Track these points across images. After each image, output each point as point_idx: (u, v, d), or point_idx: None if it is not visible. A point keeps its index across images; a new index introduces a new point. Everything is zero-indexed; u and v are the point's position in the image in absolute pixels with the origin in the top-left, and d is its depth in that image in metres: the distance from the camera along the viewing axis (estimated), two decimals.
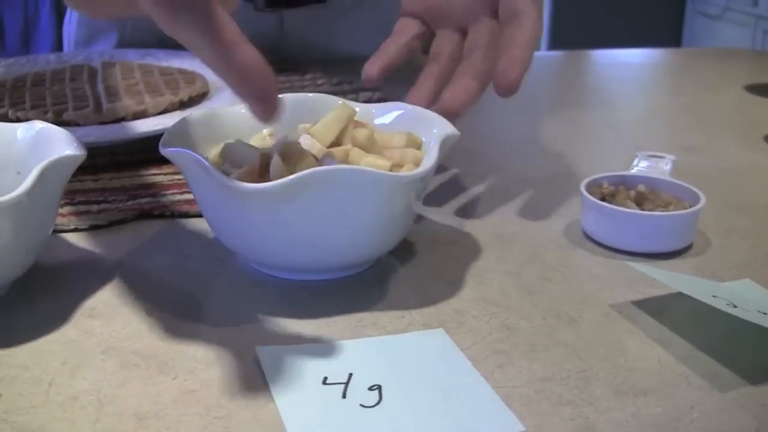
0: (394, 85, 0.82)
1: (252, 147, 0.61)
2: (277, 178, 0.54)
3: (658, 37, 4.03)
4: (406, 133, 0.63)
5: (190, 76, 0.93)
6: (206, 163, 0.55)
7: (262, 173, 0.58)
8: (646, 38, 3.82)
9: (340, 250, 0.58)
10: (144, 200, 0.71)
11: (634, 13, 4.12)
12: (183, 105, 0.88)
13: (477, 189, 0.76)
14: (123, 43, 1.12)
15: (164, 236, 0.66)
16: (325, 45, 1.16)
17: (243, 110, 0.67)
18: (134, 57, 1.05)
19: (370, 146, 0.61)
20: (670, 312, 0.56)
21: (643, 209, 0.65)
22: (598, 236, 0.66)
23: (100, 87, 0.91)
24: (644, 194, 0.67)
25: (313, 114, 0.66)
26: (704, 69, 1.27)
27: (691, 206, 0.65)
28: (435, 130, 0.63)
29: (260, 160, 0.58)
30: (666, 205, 0.66)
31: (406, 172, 0.57)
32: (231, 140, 0.62)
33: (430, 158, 0.57)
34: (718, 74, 1.21)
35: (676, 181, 0.68)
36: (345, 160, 0.60)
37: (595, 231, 0.66)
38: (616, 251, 0.64)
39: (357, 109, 0.67)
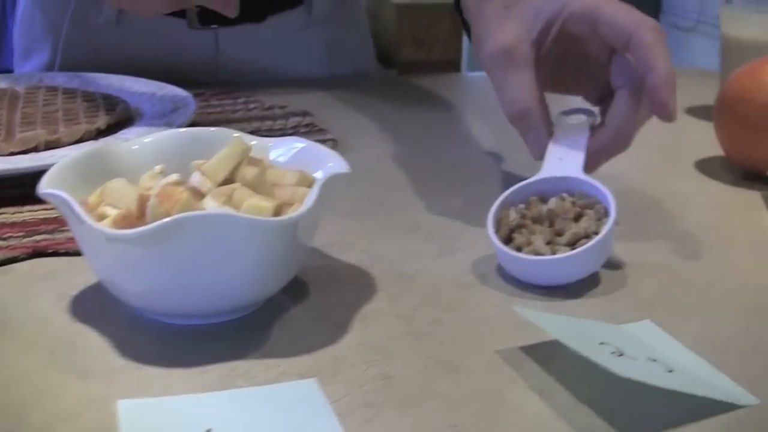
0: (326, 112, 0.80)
1: (132, 187, 0.59)
2: (153, 222, 0.52)
3: None
4: (298, 171, 0.61)
5: (112, 102, 0.91)
6: (74, 205, 0.53)
7: (140, 216, 0.56)
8: None
9: (216, 296, 0.56)
10: (40, 237, 0.69)
11: None
12: (101, 133, 0.86)
13: (384, 222, 0.74)
14: (54, 60, 1.10)
15: (55, 276, 0.64)
16: (264, 65, 1.13)
17: (135, 146, 0.65)
18: (63, 80, 1.03)
19: (258, 185, 0.59)
20: (558, 359, 0.54)
21: (555, 228, 0.64)
22: (508, 269, 0.64)
23: (19, 114, 0.89)
24: (555, 212, 0.65)
25: (210, 149, 0.63)
26: None
27: (605, 210, 0.64)
28: (325, 169, 0.60)
29: (138, 203, 0.56)
30: (577, 218, 0.64)
31: (285, 215, 0.55)
32: (114, 179, 0.60)
33: (308, 200, 0.55)
34: None
35: (591, 181, 0.67)
36: (229, 200, 0.57)
37: (507, 268, 0.64)
38: (523, 286, 0.63)
39: (254, 142, 0.65)
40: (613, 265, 0.66)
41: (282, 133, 0.93)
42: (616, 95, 0.71)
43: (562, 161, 0.69)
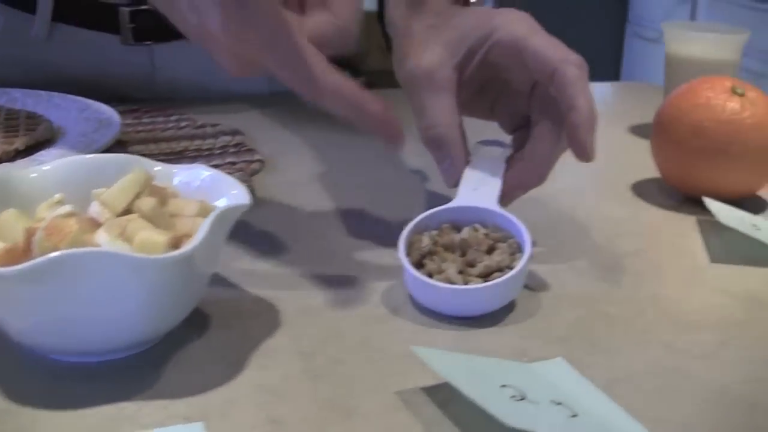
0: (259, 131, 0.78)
1: (20, 219, 0.56)
2: (39, 257, 0.49)
3: (599, 62, 4.01)
4: (198, 202, 0.58)
5: (35, 121, 0.88)
6: None
7: (27, 250, 0.53)
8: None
9: (106, 333, 0.54)
10: None
11: (575, 38, 4.10)
12: (20, 153, 0.83)
13: (299, 249, 0.71)
14: None
15: None
16: (202, 82, 1.10)
17: (34, 174, 0.62)
18: None
19: (155, 217, 0.57)
20: (458, 401, 0.51)
21: (467, 258, 0.62)
22: (417, 296, 0.62)
23: None
24: (468, 242, 0.63)
25: (114, 177, 0.61)
26: (605, 107, 1.22)
27: (518, 245, 0.62)
28: (225, 199, 0.58)
29: (24, 236, 0.54)
30: (490, 251, 0.62)
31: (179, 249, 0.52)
32: (6, 211, 0.57)
33: (197, 236, 0.52)
34: (610, 112, 1.16)
35: (506, 214, 0.65)
36: (124, 232, 0.55)
37: (415, 294, 0.62)
38: (434, 319, 0.61)
39: (158, 168, 0.62)
40: (531, 295, 0.64)
41: (210, 153, 0.90)
42: (536, 129, 0.69)
43: (477, 191, 0.67)
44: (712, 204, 0.76)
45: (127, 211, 0.58)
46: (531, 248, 0.62)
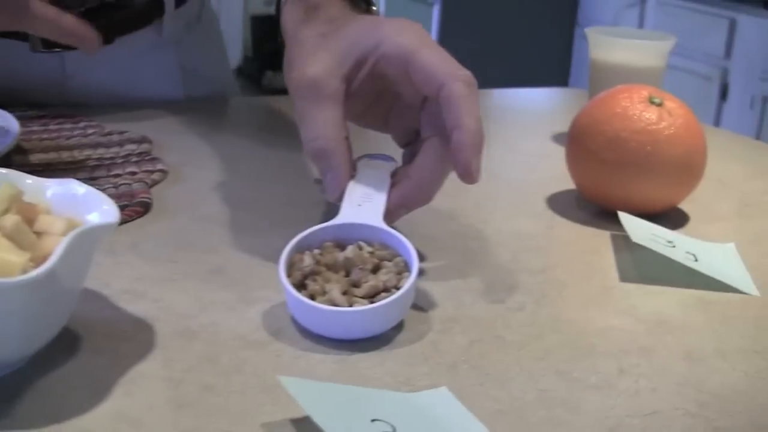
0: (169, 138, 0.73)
1: None
2: None
3: (547, 66, 3.99)
4: (66, 219, 0.55)
5: None
6: None
7: None
8: (536, 76, 3.78)
9: None
10: None
11: (523, 55, 4.09)
12: None
13: (187, 266, 0.68)
14: None
15: None
16: (115, 88, 1.07)
17: None
18: None
19: (18, 234, 0.53)
20: None
21: (351, 278, 0.59)
22: (299, 319, 0.59)
23: None
24: (352, 261, 0.60)
25: None
26: (529, 113, 1.19)
27: (405, 264, 0.59)
28: (97, 214, 0.54)
29: None
30: (375, 270, 0.60)
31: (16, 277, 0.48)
32: None
33: (51, 259, 0.48)
34: (534, 119, 1.13)
35: (391, 231, 0.62)
36: None
37: (297, 317, 0.59)
38: (316, 342, 0.57)
39: (29, 181, 0.58)
40: (422, 317, 0.61)
41: (112, 162, 0.86)
42: (423, 145, 0.66)
43: (361, 207, 0.64)
44: (626, 219, 0.73)
45: None
46: (417, 267, 0.59)
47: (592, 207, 0.80)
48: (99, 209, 0.57)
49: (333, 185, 0.66)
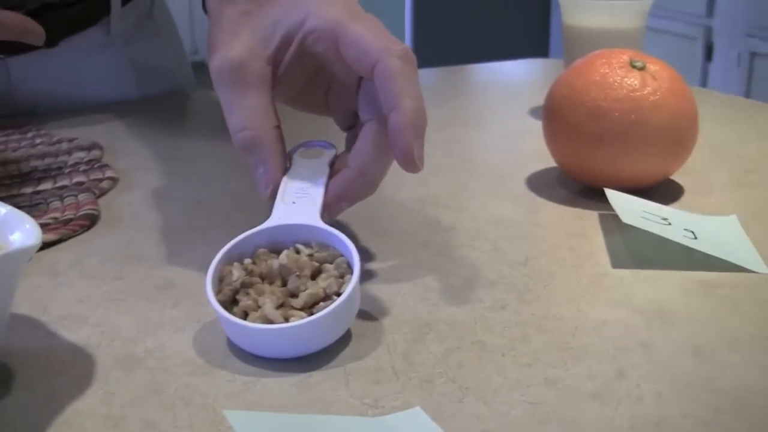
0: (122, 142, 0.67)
1: None
2: None
3: (526, 38, 3.92)
4: None
5: None
6: None
7: None
8: (514, 48, 3.70)
9: None
10: None
11: (499, 25, 4.02)
12: None
13: (133, 283, 0.62)
14: None
15: None
16: (65, 93, 1.00)
17: None
18: None
19: None
20: None
21: (288, 288, 0.53)
22: (234, 340, 0.53)
23: None
24: (288, 268, 0.54)
25: None
26: (504, 88, 1.13)
27: (348, 265, 0.53)
28: (15, 236, 0.48)
29: None
30: (315, 275, 0.54)
31: None
32: None
33: None
34: (509, 93, 1.06)
35: (330, 230, 0.56)
36: None
37: (232, 338, 0.53)
38: (269, 362, 0.51)
39: None
40: (392, 325, 0.55)
41: (59, 172, 0.80)
42: (362, 129, 0.59)
43: (296, 205, 0.58)
44: (614, 197, 0.66)
45: None
46: (359, 268, 0.53)
47: (576, 185, 0.74)
48: (21, 229, 0.50)
49: (264, 181, 0.59)
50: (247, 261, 0.55)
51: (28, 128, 0.94)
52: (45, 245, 0.66)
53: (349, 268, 0.53)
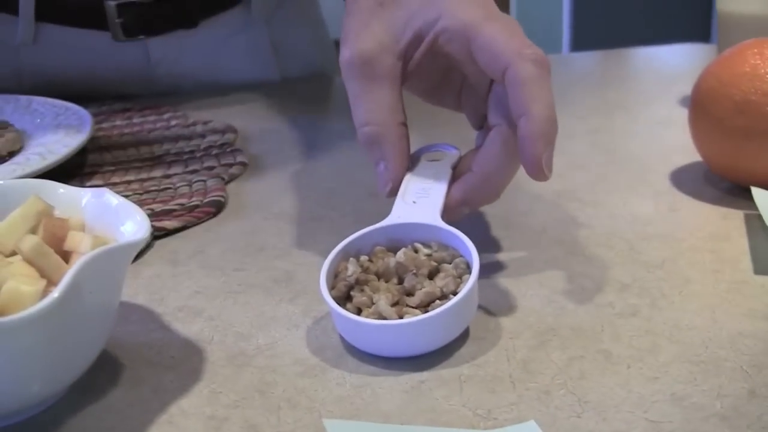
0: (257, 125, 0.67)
1: None
2: None
3: (688, 20, 3.79)
4: (92, 237, 0.49)
5: None
6: None
7: None
8: (675, 32, 3.57)
9: None
10: None
11: (662, 7, 3.90)
12: None
13: (252, 275, 0.61)
14: None
15: None
16: (203, 74, 1.00)
17: None
18: None
19: (38, 257, 0.48)
20: None
21: (404, 286, 0.51)
22: (345, 336, 0.51)
23: None
24: (405, 266, 0.52)
25: (9, 208, 0.52)
26: (655, 75, 1.08)
27: (467, 265, 0.51)
28: (126, 227, 0.48)
29: None
30: (432, 274, 0.52)
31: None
32: None
33: (59, 288, 0.42)
34: (660, 82, 1.02)
35: (450, 229, 0.54)
36: None
37: (344, 335, 0.51)
38: (381, 364, 0.50)
39: (62, 191, 0.53)
40: (514, 329, 0.52)
41: (190, 156, 0.80)
42: (490, 134, 0.56)
43: (417, 204, 0.56)
44: (760, 197, 0.62)
45: None
46: (478, 267, 0.50)
47: (724, 182, 0.70)
48: (132, 220, 0.50)
49: (384, 178, 0.58)
50: (364, 258, 0.53)
51: (165, 110, 0.94)
52: (168, 232, 0.65)
53: (468, 269, 0.51)
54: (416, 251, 0.53)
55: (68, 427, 0.46)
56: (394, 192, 0.57)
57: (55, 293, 0.42)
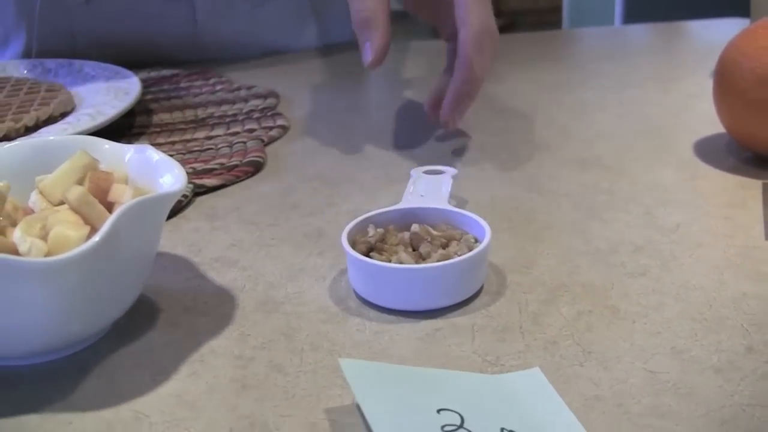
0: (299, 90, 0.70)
1: None
2: None
3: (737, 4, 3.74)
4: (134, 188, 0.52)
5: (53, 94, 0.83)
6: None
7: None
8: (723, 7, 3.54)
9: (11, 339, 0.48)
10: None
11: None
12: (30, 129, 0.78)
13: (285, 230, 0.65)
14: (31, 47, 1.02)
15: None
16: (248, 39, 1.04)
17: None
18: (25, 68, 0.95)
19: (84, 206, 0.51)
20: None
21: (420, 253, 0.54)
22: (365, 294, 0.54)
23: None
24: (419, 234, 0.55)
25: (62, 162, 0.55)
26: (688, 49, 1.09)
27: (475, 239, 0.55)
28: (165, 179, 0.51)
29: None
30: (446, 245, 0.54)
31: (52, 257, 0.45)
32: None
33: (99, 233, 0.45)
34: (698, 55, 1.03)
35: (458, 210, 0.57)
36: (44, 226, 0.49)
37: (361, 289, 0.54)
38: (400, 314, 0.53)
39: (107, 146, 0.56)
40: (527, 284, 0.55)
41: (233, 119, 0.83)
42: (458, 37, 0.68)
43: (425, 197, 0.60)
44: None
45: None
46: (489, 235, 0.54)
47: (746, 152, 0.72)
48: (171, 172, 0.53)
49: (368, 51, 0.68)
50: (380, 230, 0.56)
51: (211, 74, 0.97)
52: (208, 189, 0.69)
53: (477, 243, 0.55)
54: (427, 230, 0.56)
55: (107, 364, 0.49)
56: (376, 63, 0.67)
57: (97, 237, 0.45)
